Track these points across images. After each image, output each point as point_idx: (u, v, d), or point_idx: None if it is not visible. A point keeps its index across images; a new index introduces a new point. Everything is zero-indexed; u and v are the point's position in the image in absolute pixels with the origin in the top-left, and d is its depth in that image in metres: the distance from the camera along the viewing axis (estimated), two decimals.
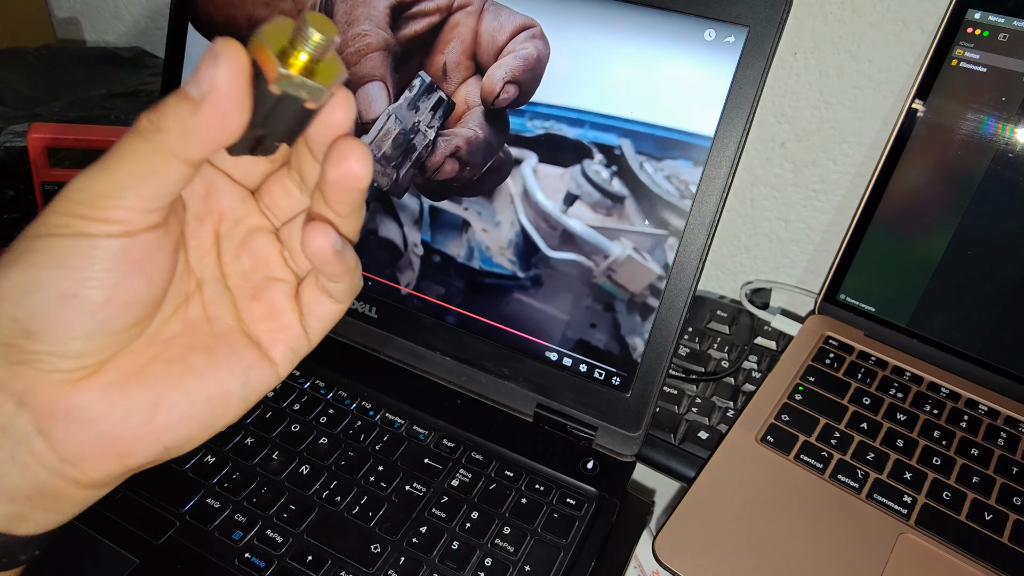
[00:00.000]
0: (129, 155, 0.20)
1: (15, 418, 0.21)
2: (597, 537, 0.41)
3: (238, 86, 0.19)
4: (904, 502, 0.43)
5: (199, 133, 0.19)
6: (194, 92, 0.19)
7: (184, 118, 0.19)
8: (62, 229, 0.20)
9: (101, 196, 0.20)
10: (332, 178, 0.22)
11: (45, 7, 0.88)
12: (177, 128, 0.19)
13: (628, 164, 0.42)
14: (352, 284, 0.25)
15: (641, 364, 0.43)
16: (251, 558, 0.38)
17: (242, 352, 0.25)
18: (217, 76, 0.18)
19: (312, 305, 0.26)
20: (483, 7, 0.43)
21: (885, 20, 0.51)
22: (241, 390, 0.25)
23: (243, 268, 0.25)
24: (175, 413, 0.23)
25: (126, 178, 0.20)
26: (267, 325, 0.25)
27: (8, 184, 0.61)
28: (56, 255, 0.20)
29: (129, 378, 0.22)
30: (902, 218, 0.51)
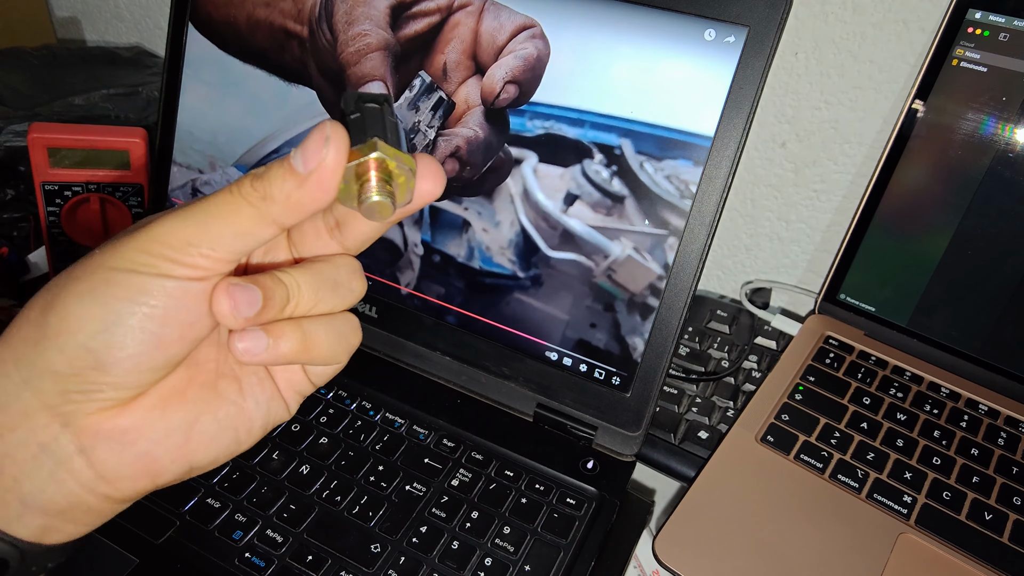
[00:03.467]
0: (229, 214, 0.21)
1: (59, 437, 0.22)
2: (597, 537, 0.41)
3: (341, 168, 0.21)
4: (904, 502, 0.43)
5: (300, 204, 0.21)
6: (301, 168, 0.21)
7: (289, 190, 0.21)
8: (147, 267, 0.21)
9: (193, 244, 0.21)
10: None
11: (45, 7, 0.88)
12: (282, 198, 0.21)
13: (628, 164, 0.42)
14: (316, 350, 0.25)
15: (641, 364, 0.43)
16: (251, 558, 0.38)
17: (265, 383, 0.26)
18: (326, 157, 0.20)
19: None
20: (483, 7, 0.43)
21: (886, 20, 0.51)
22: (262, 420, 0.26)
23: None
24: (206, 436, 0.24)
25: (222, 233, 0.21)
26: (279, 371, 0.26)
27: (8, 184, 0.61)
28: (140, 292, 0.21)
29: (169, 401, 0.23)
30: (902, 218, 0.51)
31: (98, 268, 0.21)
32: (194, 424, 0.24)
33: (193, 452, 0.24)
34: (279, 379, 0.27)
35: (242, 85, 0.50)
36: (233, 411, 0.25)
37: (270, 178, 0.21)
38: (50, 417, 0.22)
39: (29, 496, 0.22)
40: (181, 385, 0.24)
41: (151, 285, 0.21)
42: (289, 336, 0.23)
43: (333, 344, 0.25)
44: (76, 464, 0.22)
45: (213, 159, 0.52)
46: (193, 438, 0.24)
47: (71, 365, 0.21)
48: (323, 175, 0.21)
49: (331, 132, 0.21)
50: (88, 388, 0.21)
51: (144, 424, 0.23)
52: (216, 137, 0.52)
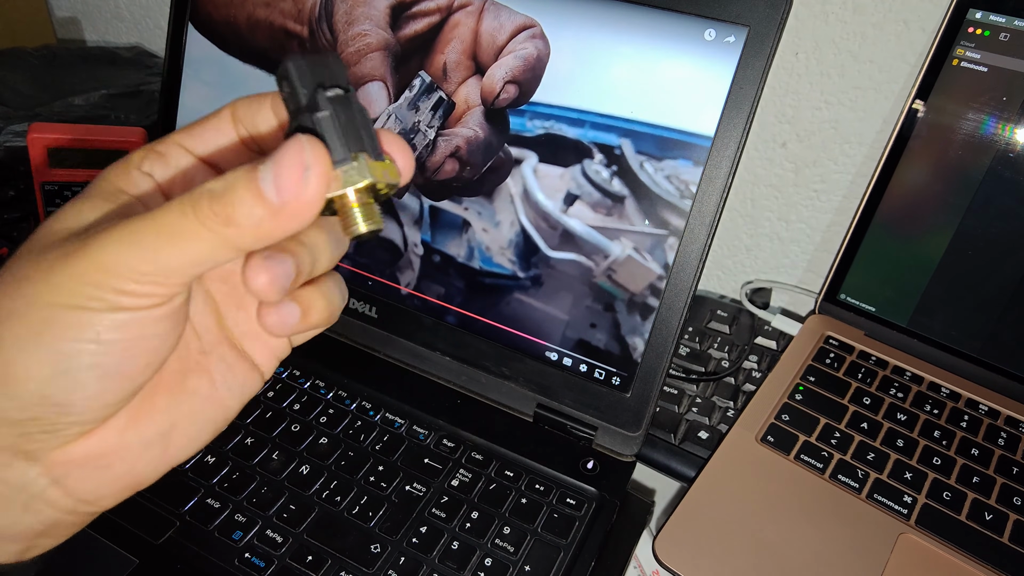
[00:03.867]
0: (184, 240, 0.18)
1: (26, 472, 0.20)
2: (597, 537, 0.41)
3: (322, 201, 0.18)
4: (904, 502, 0.43)
5: (269, 233, 0.18)
6: (273, 197, 0.18)
7: (259, 218, 0.18)
8: (95, 303, 0.18)
9: (144, 274, 0.18)
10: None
11: (45, 7, 0.88)
12: (249, 227, 0.18)
13: (628, 164, 0.42)
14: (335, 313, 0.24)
15: (641, 364, 0.43)
16: (251, 558, 0.38)
17: (235, 367, 0.24)
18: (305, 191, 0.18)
19: None
20: (483, 7, 0.43)
21: (886, 20, 0.51)
22: (237, 402, 0.24)
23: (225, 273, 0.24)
24: (184, 439, 0.23)
25: (176, 260, 0.18)
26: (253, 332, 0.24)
27: (8, 184, 0.61)
28: (90, 330, 0.19)
29: (139, 416, 0.22)
30: (903, 218, 0.51)
31: (35, 305, 0.19)
32: (171, 431, 0.22)
33: (173, 456, 0.23)
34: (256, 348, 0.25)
35: (242, 85, 0.50)
36: (207, 407, 0.23)
37: (234, 201, 0.18)
38: (11, 456, 0.20)
39: (5, 528, 0.21)
40: (148, 395, 0.22)
41: (101, 321, 0.19)
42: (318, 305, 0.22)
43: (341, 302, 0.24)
44: (51, 495, 0.21)
45: None
46: (172, 443, 0.23)
47: (26, 411, 0.19)
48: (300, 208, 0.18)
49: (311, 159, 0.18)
50: (49, 428, 0.20)
51: (118, 446, 0.21)
52: None
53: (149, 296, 0.19)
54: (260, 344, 0.25)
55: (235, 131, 0.23)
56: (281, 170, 0.18)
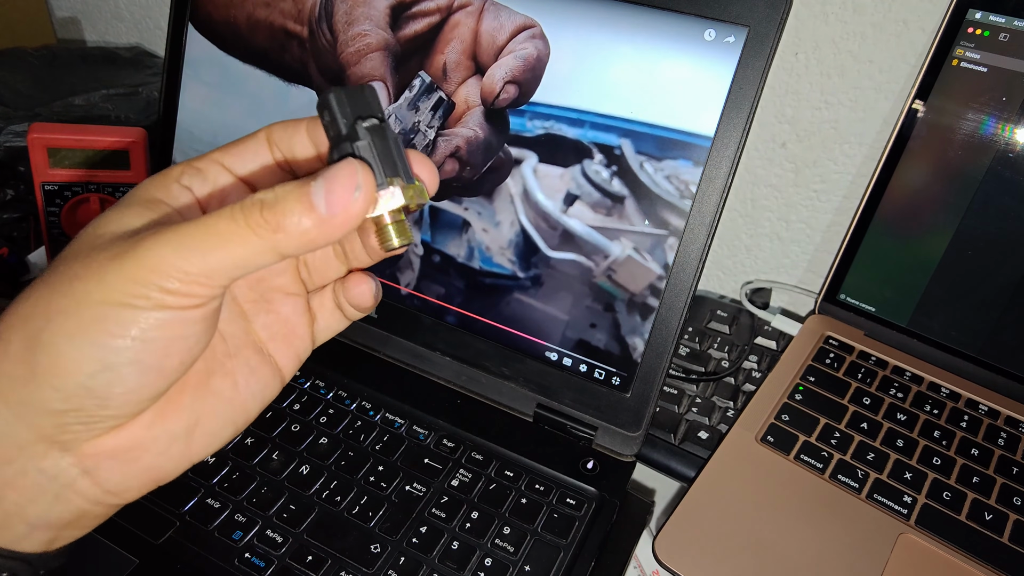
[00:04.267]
0: (232, 244, 0.20)
1: (59, 462, 0.22)
2: (597, 537, 0.41)
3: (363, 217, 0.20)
4: (904, 502, 0.43)
5: (313, 241, 0.20)
6: (323, 209, 0.20)
7: (305, 228, 0.20)
8: (141, 301, 0.20)
9: (190, 275, 0.20)
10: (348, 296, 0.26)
11: (45, 7, 0.88)
12: (296, 234, 0.20)
13: (628, 164, 0.42)
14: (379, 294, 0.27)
15: (641, 364, 0.43)
16: (251, 558, 0.38)
17: (259, 370, 0.25)
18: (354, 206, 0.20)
19: (327, 318, 0.27)
20: (483, 7, 0.43)
21: (886, 20, 0.51)
22: (258, 405, 0.26)
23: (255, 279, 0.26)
24: (207, 435, 0.24)
25: (223, 263, 0.20)
26: (279, 336, 0.26)
27: (8, 184, 0.61)
28: (135, 327, 0.20)
29: (167, 411, 0.23)
30: (902, 218, 0.51)
31: (86, 301, 0.20)
32: (195, 428, 0.24)
33: (196, 452, 0.24)
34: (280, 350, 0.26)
35: (242, 85, 0.50)
36: (230, 407, 0.25)
37: (284, 211, 0.20)
38: (47, 446, 0.21)
39: (35, 518, 0.22)
40: (175, 393, 0.23)
41: (146, 319, 0.20)
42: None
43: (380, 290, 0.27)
44: (81, 485, 0.22)
45: None
46: (195, 440, 0.24)
47: (69, 402, 0.20)
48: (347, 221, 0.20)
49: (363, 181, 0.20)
50: (87, 420, 0.21)
51: (146, 439, 0.23)
52: (216, 137, 0.52)
53: (191, 296, 0.20)
54: (284, 345, 0.26)
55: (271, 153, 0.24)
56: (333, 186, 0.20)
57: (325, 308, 0.27)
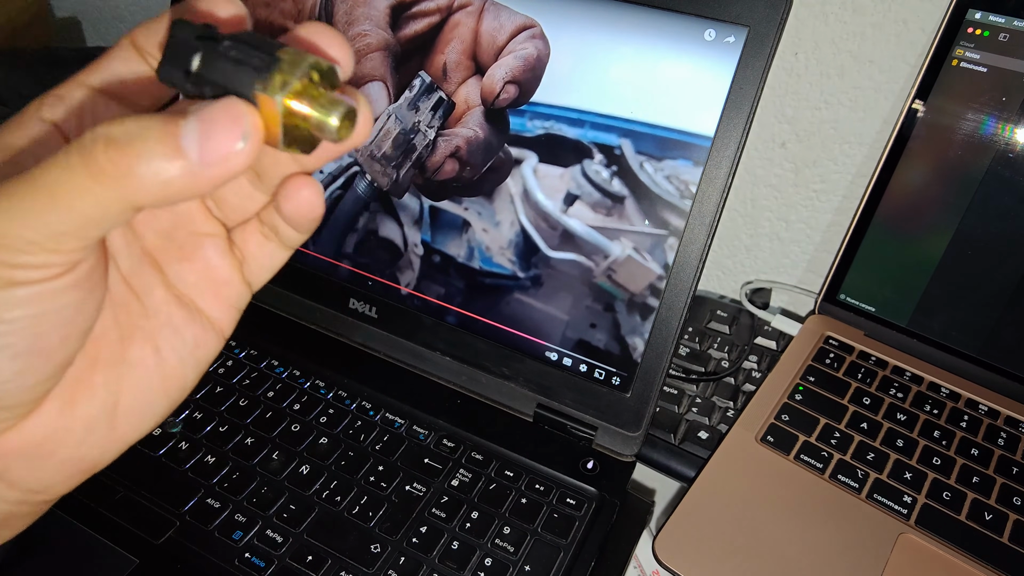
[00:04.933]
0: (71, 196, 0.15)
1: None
2: (597, 537, 0.41)
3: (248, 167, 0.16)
4: (904, 502, 0.43)
5: (177, 193, 0.16)
6: (195, 155, 0.15)
7: (169, 176, 0.15)
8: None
9: (31, 242, 0.16)
10: (287, 211, 0.20)
11: (45, 7, 0.88)
12: (152, 181, 0.15)
13: (628, 164, 0.42)
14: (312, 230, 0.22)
15: (641, 364, 0.43)
16: (251, 558, 0.38)
17: (184, 329, 0.21)
18: (235, 157, 0.16)
19: (257, 254, 0.22)
20: (483, 7, 0.43)
21: (886, 20, 0.51)
22: (194, 369, 0.22)
23: (161, 227, 0.21)
24: (134, 414, 0.21)
25: (65, 223, 0.16)
26: (203, 286, 0.22)
27: None
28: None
29: (75, 396, 0.20)
30: (902, 218, 0.51)
31: None
32: (115, 408, 0.20)
33: (124, 433, 0.21)
34: (210, 302, 0.22)
35: None
36: (156, 376, 0.21)
37: (138, 152, 0.15)
38: None
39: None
40: (84, 373, 0.20)
41: (1, 300, 0.16)
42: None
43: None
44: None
45: None
46: (119, 421, 0.20)
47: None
48: (223, 174, 0.16)
49: (251, 128, 0.16)
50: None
51: (57, 431, 0.19)
52: None
53: (45, 267, 0.16)
54: (212, 295, 0.22)
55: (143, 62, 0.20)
56: (214, 130, 0.15)
57: (251, 243, 0.22)
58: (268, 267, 0.23)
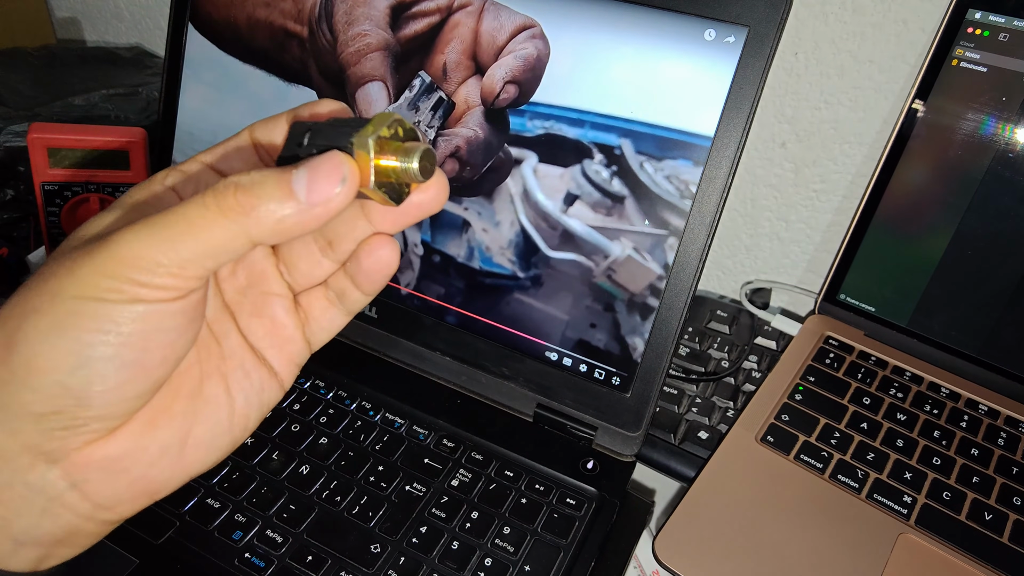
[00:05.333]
0: (202, 229, 0.19)
1: (46, 475, 0.21)
2: (597, 537, 0.41)
3: (347, 207, 0.20)
4: (904, 502, 0.43)
5: (288, 230, 0.19)
6: (303, 196, 0.19)
7: (283, 215, 0.19)
8: (114, 295, 0.19)
9: (161, 265, 0.19)
10: (366, 265, 0.24)
11: (45, 7, 0.88)
12: (270, 221, 0.19)
13: (628, 164, 0.42)
14: (370, 298, 0.26)
15: (641, 364, 0.43)
16: (251, 558, 0.38)
17: (253, 374, 0.25)
18: (336, 198, 0.19)
19: (320, 318, 0.26)
20: (483, 7, 0.43)
21: (886, 20, 0.51)
22: (256, 411, 0.25)
23: (239, 284, 0.25)
24: (201, 445, 0.23)
25: (193, 251, 0.19)
26: (270, 340, 0.25)
27: (8, 184, 0.61)
28: (111, 321, 0.19)
29: (157, 420, 0.22)
30: (902, 218, 0.51)
31: (59, 298, 0.19)
32: (187, 437, 0.23)
33: (190, 463, 0.23)
34: (274, 355, 0.25)
35: (242, 85, 0.50)
36: (224, 414, 0.24)
37: (260, 195, 0.19)
38: (32, 457, 0.20)
39: (22, 533, 0.21)
40: (166, 401, 0.22)
41: (120, 313, 0.19)
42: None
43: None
44: (70, 499, 0.21)
45: None
46: (188, 450, 0.23)
47: (49, 404, 0.20)
48: (326, 213, 0.19)
49: (348, 173, 0.19)
50: (70, 424, 0.20)
51: (135, 449, 0.22)
52: (216, 137, 0.52)
53: (165, 288, 0.19)
54: (277, 349, 0.25)
55: (255, 151, 0.24)
56: (317, 175, 0.19)
57: (316, 307, 0.26)
58: (328, 330, 0.26)
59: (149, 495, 0.23)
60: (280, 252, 0.25)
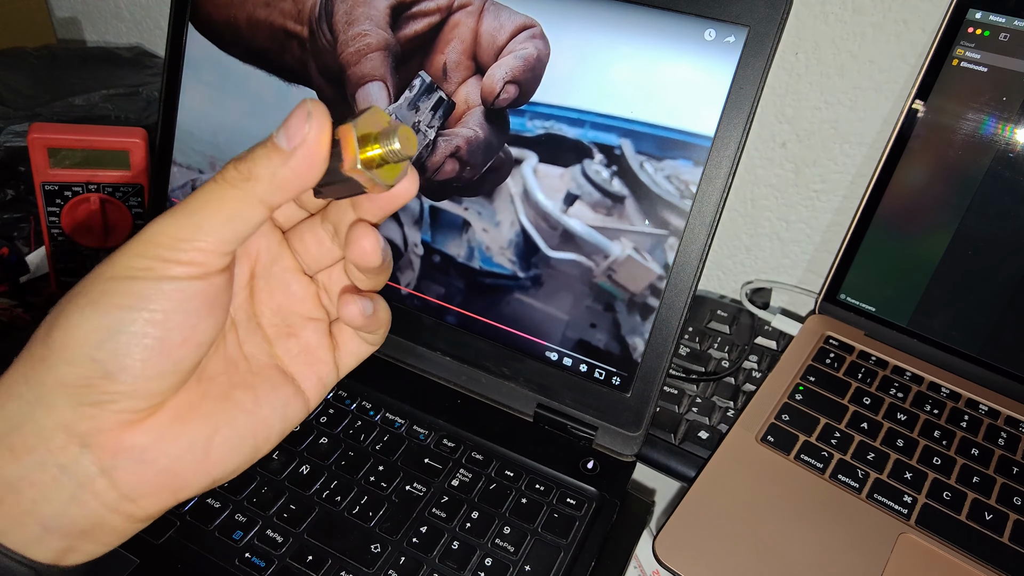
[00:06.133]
0: (214, 200, 0.21)
1: (79, 459, 0.22)
2: (597, 537, 0.41)
3: (325, 143, 0.21)
4: (904, 502, 0.43)
5: (286, 181, 0.21)
6: (284, 144, 0.21)
7: (274, 168, 0.21)
8: (144, 272, 0.21)
9: (184, 240, 0.21)
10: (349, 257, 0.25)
11: (45, 7, 0.88)
12: (267, 177, 0.21)
13: (628, 164, 0.42)
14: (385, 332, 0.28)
15: (641, 364, 0.43)
16: (251, 558, 0.38)
17: (280, 388, 0.26)
18: (309, 133, 0.21)
19: (347, 344, 0.28)
20: (483, 7, 0.43)
21: (886, 20, 0.51)
22: (280, 424, 0.26)
23: (277, 306, 0.27)
24: (225, 448, 0.24)
25: (210, 223, 0.21)
26: (302, 360, 0.27)
27: (8, 184, 0.61)
28: (139, 298, 0.21)
29: (185, 416, 0.23)
30: (902, 218, 0.51)
31: (98, 279, 0.22)
32: (213, 437, 0.24)
33: (214, 465, 0.24)
34: (305, 374, 0.27)
35: (242, 85, 0.50)
36: (250, 420, 0.25)
37: (254, 158, 0.21)
38: (67, 438, 0.22)
39: (50, 519, 0.22)
40: (195, 399, 0.24)
41: (149, 290, 0.21)
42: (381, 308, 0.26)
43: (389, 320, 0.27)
44: (99, 485, 0.22)
45: (213, 159, 0.53)
46: (213, 451, 0.24)
47: (79, 376, 0.21)
48: (308, 149, 0.21)
49: (312, 107, 0.21)
50: (100, 399, 0.21)
51: (163, 440, 0.23)
52: (216, 137, 0.52)
53: (190, 264, 0.21)
54: (307, 369, 0.27)
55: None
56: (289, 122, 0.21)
57: (345, 333, 0.28)
58: (355, 355, 0.28)
59: (173, 491, 0.24)
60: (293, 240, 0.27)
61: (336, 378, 0.28)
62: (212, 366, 0.25)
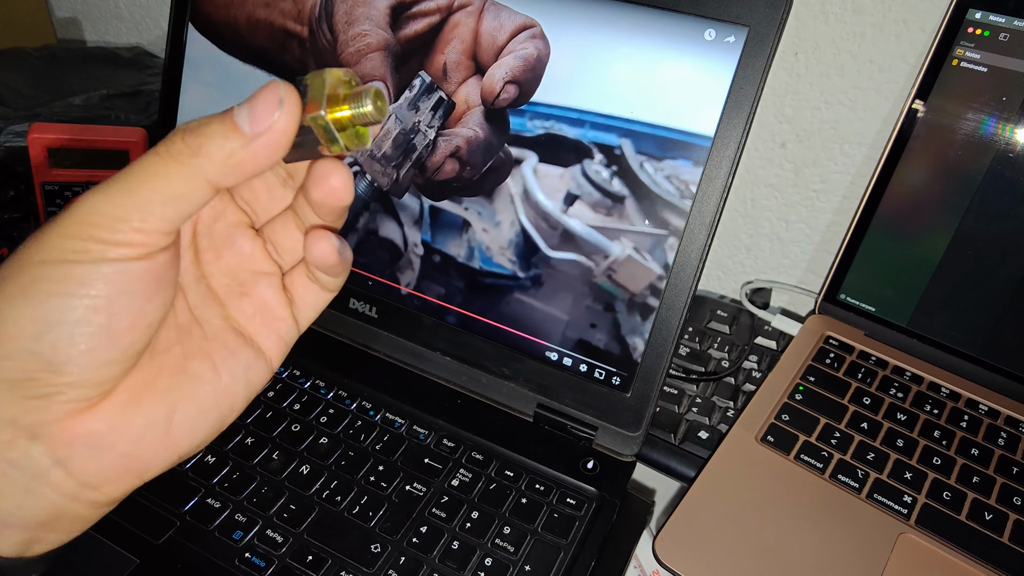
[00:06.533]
0: (157, 177, 0.19)
1: (29, 451, 0.20)
2: (597, 537, 0.41)
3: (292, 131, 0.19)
4: (904, 502, 0.43)
5: (242, 164, 0.19)
6: (246, 127, 0.19)
7: (231, 149, 0.19)
8: (80, 255, 0.19)
9: (122, 219, 0.19)
10: (315, 198, 0.23)
11: (45, 7, 0.88)
12: (220, 157, 0.19)
13: (628, 164, 0.42)
14: (345, 276, 0.25)
15: (641, 364, 0.43)
16: (251, 558, 0.38)
17: (239, 352, 0.24)
18: (278, 121, 0.19)
19: (304, 295, 0.26)
20: (483, 7, 0.43)
21: (886, 20, 0.51)
22: (244, 390, 0.25)
23: (225, 265, 0.25)
24: (188, 424, 0.23)
25: (151, 200, 0.19)
26: (258, 319, 0.25)
27: (8, 184, 0.61)
28: (76, 283, 0.19)
29: (141, 395, 0.22)
30: (902, 218, 0.51)
31: (26, 264, 0.19)
32: (172, 414, 0.23)
33: (177, 441, 0.23)
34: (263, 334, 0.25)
35: (242, 85, 0.50)
36: (211, 391, 0.23)
37: (207, 134, 0.19)
38: (13, 432, 0.20)
39: (6, 514, 0.21)
40: (149, 377, 0.22)
41: (88, 273, 0.19)
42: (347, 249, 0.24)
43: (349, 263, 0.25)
44: (54, 476, 0.21)
45: None
46: (175, 428, 0.23)
47: (20, 370, 0.19)
48: (273, 137, 0.19)
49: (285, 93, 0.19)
50: (46, 392, 0.20)
51: (119, 424, 0.21)
52: None
53: (131, 245, 0.19)
54: (265, 327, 0.25)
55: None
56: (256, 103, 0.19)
57: (299, 284, 0.26)
58: (313, 306, 0.26)
59: (136, 474, 0.22)
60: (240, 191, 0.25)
61: (297, 333, 0.26)
62: (164, 338, 0.23)
